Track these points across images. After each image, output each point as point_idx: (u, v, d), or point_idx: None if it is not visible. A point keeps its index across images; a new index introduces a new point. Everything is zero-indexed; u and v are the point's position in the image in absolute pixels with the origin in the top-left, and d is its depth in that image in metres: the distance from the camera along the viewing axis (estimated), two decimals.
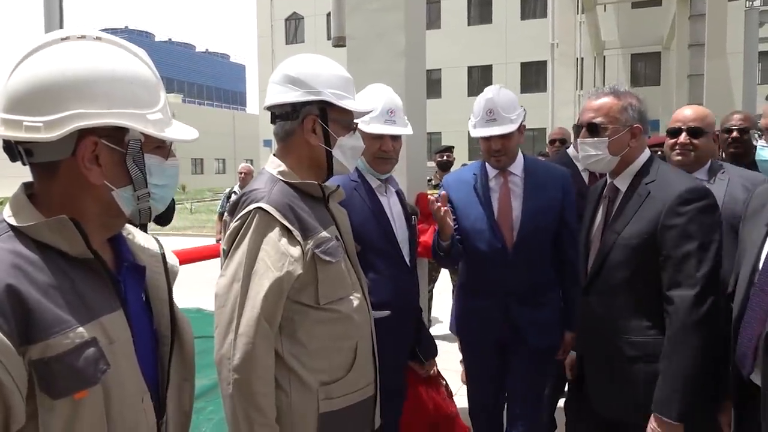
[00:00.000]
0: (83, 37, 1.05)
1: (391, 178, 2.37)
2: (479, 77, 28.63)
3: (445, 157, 6.57)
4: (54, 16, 4.94)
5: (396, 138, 2.32)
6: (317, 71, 1.77)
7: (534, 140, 27.14)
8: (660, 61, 25.31)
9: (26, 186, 1.10)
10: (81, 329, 0.99)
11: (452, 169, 6.34)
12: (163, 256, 1.25)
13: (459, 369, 3.54)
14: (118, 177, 1.08)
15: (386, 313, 2.01)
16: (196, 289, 5.14)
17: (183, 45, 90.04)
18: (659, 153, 4.21)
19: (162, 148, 1.14)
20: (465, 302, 2.75)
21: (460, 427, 2.79)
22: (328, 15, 32.51)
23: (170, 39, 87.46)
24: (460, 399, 2.98)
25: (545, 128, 25.99)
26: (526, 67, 28.25)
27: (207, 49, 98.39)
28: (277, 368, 1.60)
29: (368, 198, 2.21)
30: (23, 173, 1.08)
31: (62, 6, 4.97)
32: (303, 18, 32.40)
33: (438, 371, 2.75)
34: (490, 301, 2.58)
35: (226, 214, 1.87)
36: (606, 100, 2.07)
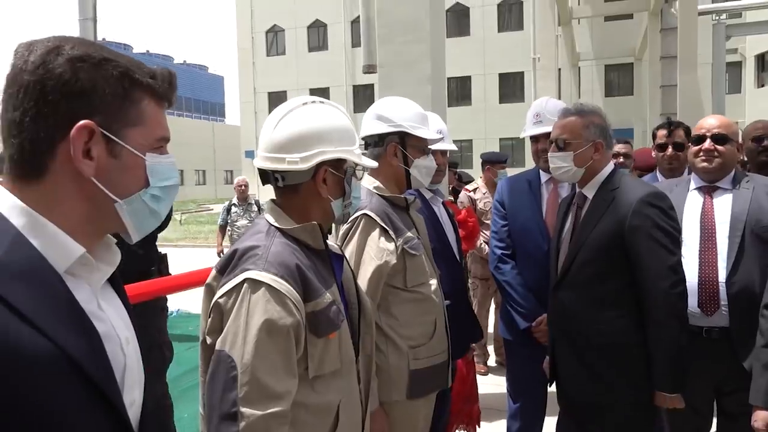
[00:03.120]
0: (314, 102, 1.58)
1: (437, 190, 2.83)
2: (457, 88, 29.29)
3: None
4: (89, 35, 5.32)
5: (444, 153, 2.84)
6: (398, 109, 2.29)
7: (513, 149, 27.85)
8: (633, 71, 26.23)
9: (273, 201, 1.59)
10: (327, 294, 1.48)
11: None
12: (341, 248, 1.75)
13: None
14: (335, 192, 1.58)
15: (447, 303, 2.45)
16: None
17: (161, 56, 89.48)
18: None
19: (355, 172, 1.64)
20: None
21: (477, 408, 3.24)
22: (309, 27, 32.73)
23: (148, 51, 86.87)
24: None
25: (524, 139, 26.74)
26: (504, 77, 29.00)
27: (185, 61, 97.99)
28: (377, 336, 2.06)
29: (425, 208, 2.65)
30: None
31: (96, 28, 5.35)
32: (284, 30, 32.75)
33: (474, 354, 3.18)
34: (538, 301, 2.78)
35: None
36: (571, 119, 2.31)
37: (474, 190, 5.21)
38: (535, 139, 2.94)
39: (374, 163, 1.70)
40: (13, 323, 0.76)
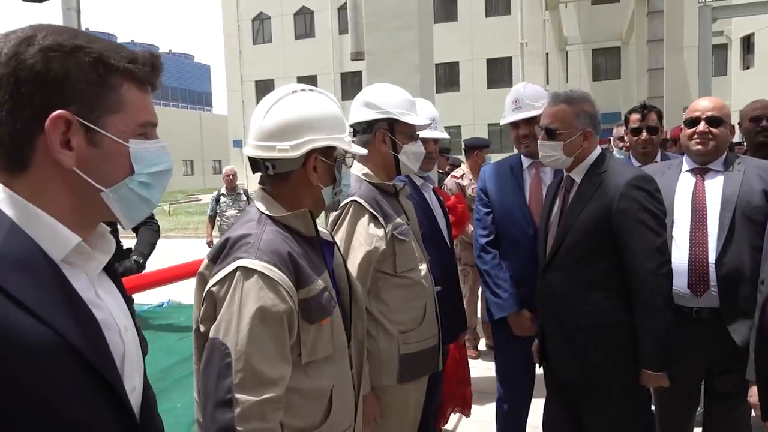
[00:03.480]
0: (303, 90, 1.58)
1: (428, 177, 2.83)
2: (446, 73, 29.25)
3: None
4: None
5: (436, 141, 2.83)
6: (386, 96, 2.28)
7: (501, 134, 27.89)
8: (620, 55, 26.32)
9: (264, 189, 1.59)
10: (319, 281, 1.49)
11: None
12: (331, 235, 1.76)
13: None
14: (325, 179, 1.58)
15: (437, 288, 2.47)
16: None
17: (146, 46, 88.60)
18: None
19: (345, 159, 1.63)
20: None
21: (469, 391, 3.29)
22: (295, 15, 32.49)
23: (133, 40, 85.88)
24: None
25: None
26: (492, 63, 28.98)
27: (170, 50, 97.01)
28: (367, 321, 2.05)
29: (415, 194, 2.65)
30: None
31: (80, 18, 5.29)
32: (270, 18, 32.50)
33: (465, 339, 3.21)
34: (520, 288, 2.77)
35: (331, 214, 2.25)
36: (561, 108, 2.30)
37: (461, 176, 5.19)
38: (515, 125, 2.89)
39: (364, 151, 1.70)
40: (13, 312, 0.76)
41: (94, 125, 0.88)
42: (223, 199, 7.68)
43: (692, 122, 2.51)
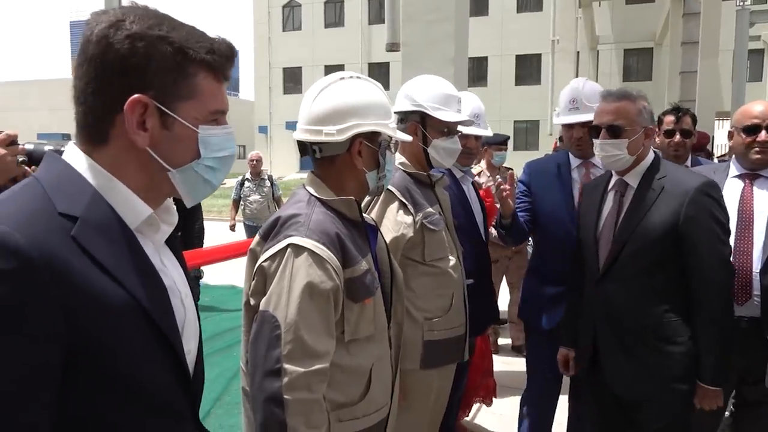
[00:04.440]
0: (351, 77, 1.64)
1: (468, 170, 2.86)
2: (474, 68, 29.07)
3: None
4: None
5: (478, 137, 2.84)
6: (422, 88, 2.32)
7: (527, 132, 27.67)
8: (652, 57, 25.91)
9: (313, 172, 1.66)
10: (363, 262, 1.55)
11: None
12: (374, 221, 1.84)
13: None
14: (370, 164, 1.64)
15: (470, 281, 2.51)
16: (230, 268, 5.56)
17: None
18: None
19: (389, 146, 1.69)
20: (535, 288, 2.84)
21: (492, 381, 3.34)
22: (326, 3, 32.45)
23: (133, 4, 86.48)
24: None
25: (538, 121, 26.65)
26: (521, 59, 28.73)
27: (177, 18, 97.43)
28: None
29: (455, 186, 2.70)
30: None
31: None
32: (300, 5, 32.55)
33: (486, 333, 3.26)
34: (561, 288, 2.65)
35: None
36: (624, 104, 2.19)
37: (479, 174, 5.06)
38: (569, 126, 2.75)
39: (408, 137, 1.76)
40: (96, 274, 0.84)
41: (168, 110, 0.94)
42: (247, 183, 7.71)
43: (751, 129, 2.41)
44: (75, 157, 0.93)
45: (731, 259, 2.18)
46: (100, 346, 0.83)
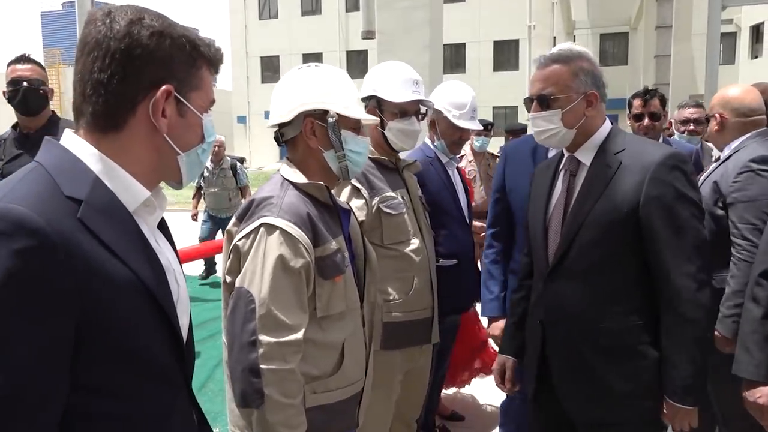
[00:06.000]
0: (309, 66, 1.73)
1: (454, 156, 2.89)
2: (452, 55, 29.06)
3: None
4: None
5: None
6: (378, 74, 2.39)
7: (506, 117, 27.78)
8: (628, 41, 26.16)
9: (287, 157, 1.74)
10: (334, 242, 1.62)
11: None
12: (349, 206, 1.91)
13: None
14: (324, 143, 1.69)
15: (453, 261, 2.58)
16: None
17: None
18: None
19: (355, 129, 1.72)
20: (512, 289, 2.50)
21: (489, 353, 3.42)
22: None
23: (130, 4, 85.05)
24: None
25: (517, 106, 26.77)
26: (498, 45, 28.80)
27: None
28: None
29: (441, 171, 2.75)
30: None
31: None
32: None
33: (475, 309, 3.32)
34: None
35: None
36: (555, 68, 1.83)
37: (461, 157, 5.14)
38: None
39: (362, 114, 1.76)
40: (103, 254, 0.91)
41: (184, 99, 1.04)
42: (205, 173, 7.04)
43: None
44: (74, 143, 1.00)
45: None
46: (107, 319, 0.90)
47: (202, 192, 7.32)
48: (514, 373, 2.13)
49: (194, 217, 7.74)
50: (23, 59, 2.99)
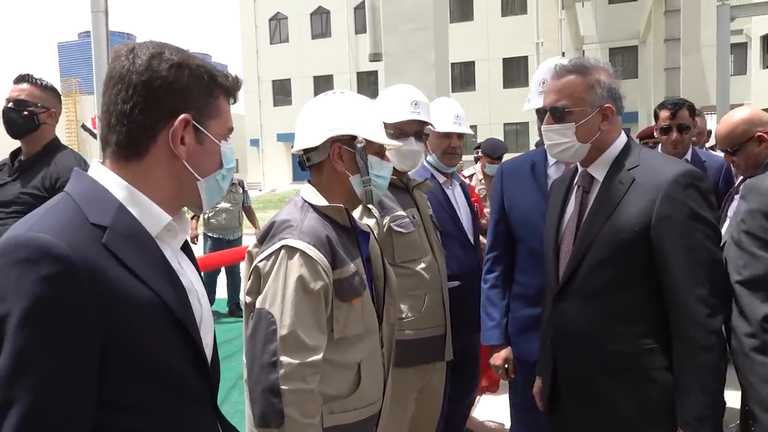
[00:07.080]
0: (335, 93, 1.79)
1: (454, 173, 2.91)
2: (462, 73, 29.26)
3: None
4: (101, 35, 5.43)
5: (460, 136, 2.83)
6: (380, 99, 2.46)
7: (517, 134, 27.83)
8: (637, 54, 26.14)
9: (308, 181, 1.78)
10: (352, 264, 1.65)
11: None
12: (369, 227, 1.93)
13: None
14: (351, 168, 1.73)
15: (456, 283, 2.57)
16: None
17: None
18: (650, 145, 3.98)
19: (379, 153, 1.78)
20: (515, 310, 2.45)
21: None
22: (312, 15, 32.55)
23: (151, 40, 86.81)
24: None
25: (528, 122, 26.80)
26: (508, 62, 28.95)
27: (189, 50, 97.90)
28: None
29: (438, 192, 2.73)
30: None
31: (108, 21, 5.46)
32: (287, 18, 32.71)
33: None
34: (539, 309, 2.17)
35: None
36: (570, 79, 1.76)
37: (470, 177, 5.01)
38: (542, 111, 2.17)
39: (387, 140, 1.81)
40: (126, 277, 0.96)
41: (202, 127, 1.10)
42: None
43: None
44: (100, 173, 1.06)
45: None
46: (130, 339, 0.95)
47: (205, 213, 6.53)
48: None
49: (194, 240, 7.04)
50: (21, 78, 2.84)
